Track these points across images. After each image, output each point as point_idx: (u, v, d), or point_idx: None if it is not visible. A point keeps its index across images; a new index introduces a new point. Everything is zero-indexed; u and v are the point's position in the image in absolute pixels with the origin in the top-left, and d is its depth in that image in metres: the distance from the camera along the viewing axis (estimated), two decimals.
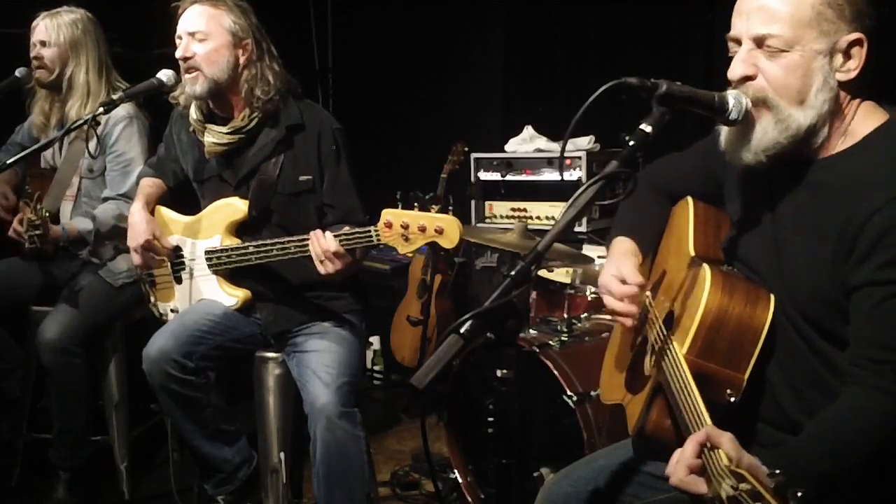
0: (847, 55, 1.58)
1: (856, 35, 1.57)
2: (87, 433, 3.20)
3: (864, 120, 1.62)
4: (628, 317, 1.76)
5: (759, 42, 1.58)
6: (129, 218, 2.77)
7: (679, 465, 1.36)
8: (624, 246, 1.89)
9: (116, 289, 3.15)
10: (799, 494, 1.12)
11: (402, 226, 2.29)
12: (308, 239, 2.43)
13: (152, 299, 2.93)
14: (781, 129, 1.59)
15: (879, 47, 1.59)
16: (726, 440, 1.31)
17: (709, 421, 1.41)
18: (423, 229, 2.28)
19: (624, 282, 1.76)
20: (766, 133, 1.59)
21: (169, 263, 2.83)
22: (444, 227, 2.27)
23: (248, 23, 2.66)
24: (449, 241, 2.27)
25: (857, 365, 1.51)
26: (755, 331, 1.61)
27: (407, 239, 2.30)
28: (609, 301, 1.79)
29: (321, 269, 2.42)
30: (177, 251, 2.82)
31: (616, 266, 1.81)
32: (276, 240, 2.52)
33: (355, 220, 2.65)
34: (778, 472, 1.18)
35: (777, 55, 1.57)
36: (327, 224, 2.68)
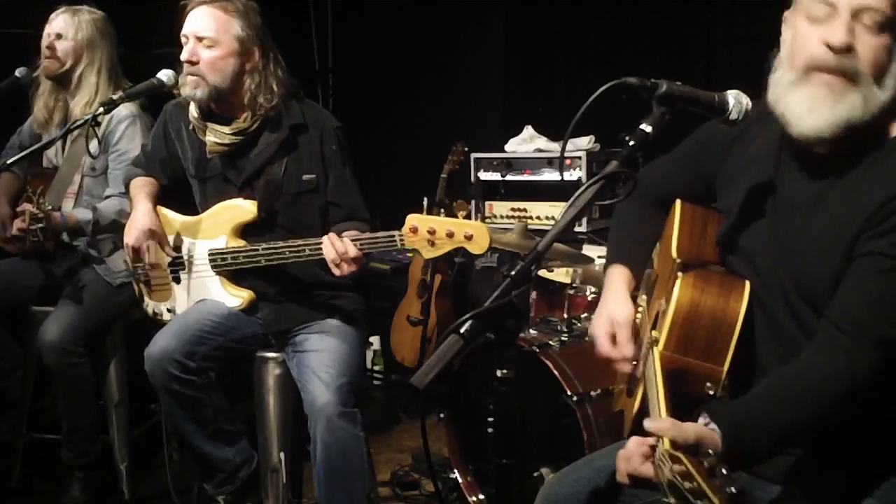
0: None
1: None
2: (96, 430, 3.21)
3: None
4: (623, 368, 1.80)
5: (857, 14, 1.52)
6: (133, 215, 2.75)
7: (632, 459, 1.37)
8: (619, 283, 1.90)
9: (115, 288, 3.16)
10: (724, 472, 1.13)
11: (428, 231, 2.30)
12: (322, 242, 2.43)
13: (146, 299, 2.92)
14: (867, 107, 1.54)
15: None
16: (665, 426, 1.31)
17: (664, 413, 1.41)
18: (451, 235, 2.28)
19: (614, 338, 1.80)
20: (855, 108, 1.54)
21: (167, 263, 2.83)
22: (474, 233, 2.27)
23: (255, 29, 2.64)
24: (479, 246, 2.28)
25: (835, 324, 1.50)
26: (730, 322, 1.61)
27: (433, 244, 2.31)
28: (599, 350, 1.83)
29: (335, 272, 2.42)
30: (175, 250, 2.81)
31: (609, 317, 1.83)
32: (290, 242, 2.51)
33: (359, 217, 2.68)
34: (711, 452, 1.20)
35: (872, 31, 1.52)
36: (332, 222, 2.68)
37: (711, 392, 1.58)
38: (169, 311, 2.86)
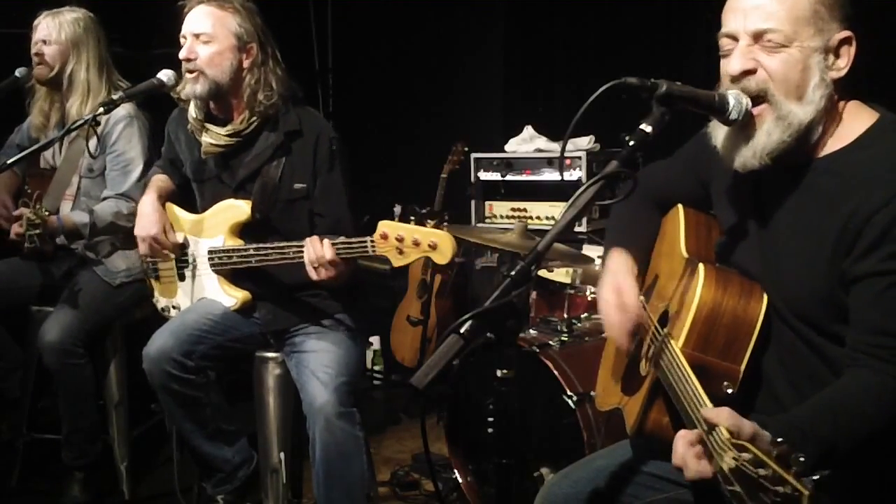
0: (837, 53, 1.59)
1: (846, 33, 1.58)
2: (96, 430, 3.22)
3: (854, 119, 1.63)
4: (626, 341, 1.78)
5: (758, 37, 1.58)
6: (140, 208, 2.78)
7: (688, 456, 1.36)
8: (621, 260, 1.89)
9: (115, 288, 3.16)
10: (801, 459, 1.12)
11: (396, 238, 2.30)
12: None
13: (155, 293, 2.94)
14: (784, 128, 1.58)
15: (864, 46, 1.60)
16: (724, 416, 1.30)
17: (709, 404, 1.41)
18: (416, 243, 2.29)
19: (624, 307, 1.78)
20: (770, 135, 1.59)
21: (174, 259, 2.83)
22: (438, 243, 2.28)
23: (254, 26, 2.65)
24: (442, 256, 2.29)
25: (860, 351, 1.52)
26: (749, 323, 1.62)
27: (401, 252, 2.32)
28: (608, 327, 1.81)
29: (313, 275, 2.43)
30: (182, 248, 2.82)
31: (615, 290, 1.82)
32: (276, 244, 2.52)
33: (345, 232, 2.59)
34: (781, 440, 1.19)
35: (776, 50, 1.57)
36: (318, 234, 2.67)
37: (729, 391, 1.58)
38: (174, 307, 2.88)
